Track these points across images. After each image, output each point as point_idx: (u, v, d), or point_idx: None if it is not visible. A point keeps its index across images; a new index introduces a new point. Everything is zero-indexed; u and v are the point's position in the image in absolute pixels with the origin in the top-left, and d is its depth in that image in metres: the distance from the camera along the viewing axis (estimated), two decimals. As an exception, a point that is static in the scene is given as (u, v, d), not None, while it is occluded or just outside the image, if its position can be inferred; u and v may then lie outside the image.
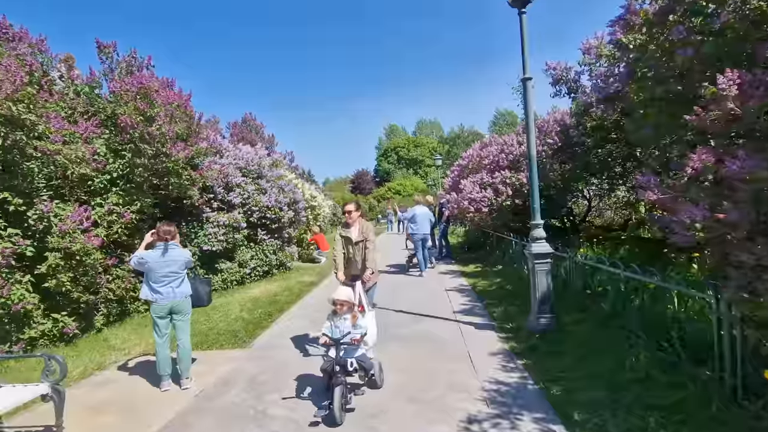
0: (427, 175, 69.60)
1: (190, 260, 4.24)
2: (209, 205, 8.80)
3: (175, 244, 4.14)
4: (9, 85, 4.75)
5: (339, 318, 3.48)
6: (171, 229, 4.14)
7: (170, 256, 4.05)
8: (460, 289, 7.23)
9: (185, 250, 4.25)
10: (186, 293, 4.17)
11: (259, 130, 19.74)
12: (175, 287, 4.07)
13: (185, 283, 4.19)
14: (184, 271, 4.19)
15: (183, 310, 4.16)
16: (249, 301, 7.59)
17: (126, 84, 6.02)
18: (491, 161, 9.82)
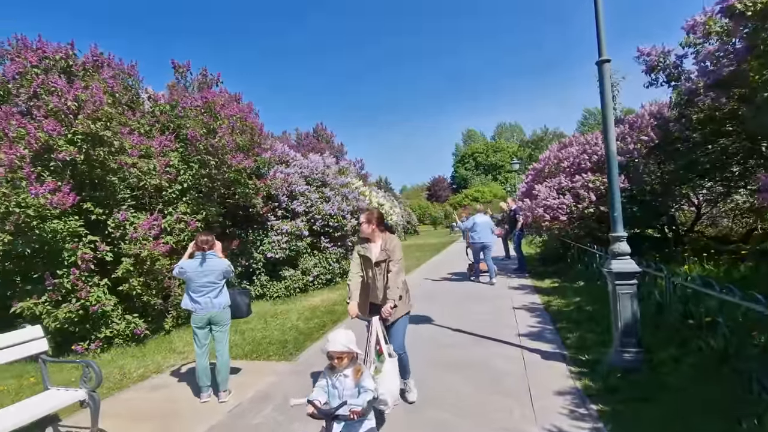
0: (507, 180, 66.44)
1: (229, 270, 4.18)
2: (274, 213, 9.04)
3: (213, 254, 4.10)
4: (90, 106, 5.23)
5: (337, 375, 2.48)
6: (208, 238, 4.12)
7: (208, 265, 4.02)
8: (530, 308, 6.39)
9: (223, 260, 4.19)
10: (224, 304, 4.12)
11: (329, 139, 20.37)
12: (212, 297, 4.04)
13: (223, 293, 4.14)
14: (222, 281, 4.13)
15: (221, 320, 4.10)
16: (308, 310, 7.55)
17: (194, 100, 6.36)
18: (571, 163, 8.72)
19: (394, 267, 3.35)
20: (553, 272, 9.28)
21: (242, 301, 4.44)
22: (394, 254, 3.38)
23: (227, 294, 4.21)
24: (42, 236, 4.98)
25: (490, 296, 7.57)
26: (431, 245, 20.98)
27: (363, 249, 3.51)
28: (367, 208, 11.12)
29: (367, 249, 3.49)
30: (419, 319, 6.24)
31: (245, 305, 4.46)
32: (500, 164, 73.31)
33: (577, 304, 6.28)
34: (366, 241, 3.54)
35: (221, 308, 4.09)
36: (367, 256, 3.45)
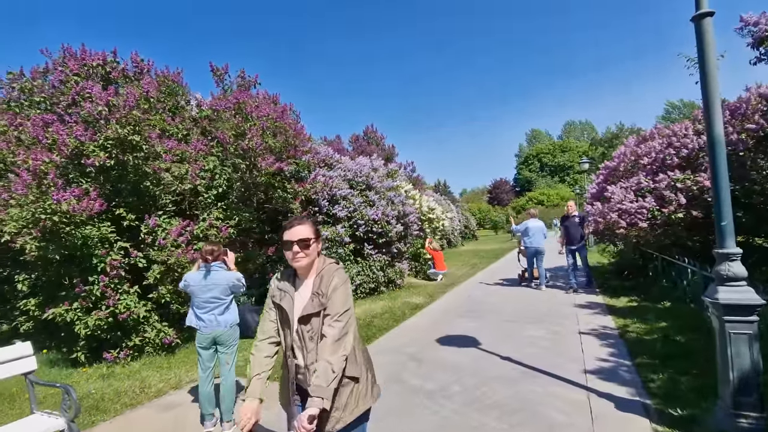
0: (576, 182, 61.80)
1: (238, 284, 3.72)
2: (314, 219, 8.69)
3: (219, 266, 3.68)
4: (120, 110, 5.16)
5: None
6: (213, 248, 3.69)
7: (212, 279, 3.60)
8: (601, 334, 5.28)
9: (232, 272, 3.74)
10: (230, 322, 3.67)
11: (379, 141, 19.92)
12: (217, 314, 3.61)
13: (231, 310, 3.71)
14: (229, 296, 3.70)
15: (227, 341, 3.66)
16: (345, 322, 7.02)
17: (227, 102, 6.16)
18: (653, 159, 7.34)
19: (331, 328, 1.73)
20: (630, 288, 7.89)
21: (252, 318, 3.98)
22: (333, 303, 1.76)
23: (235, 311, 3.78)
24: (74, 242, 4.96)
25: (551, 315, 6.50)
26: (490, 251, 19.69)
27: (280, 293, 1.87)
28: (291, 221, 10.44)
29: (286, 293, 1.86)
30: (461, 340, 5.41)
31: (255, 324, 3.99)
32: (568, 165, 68.50)
33: (663, 332, 5.07)
34: (290, 277, 1.91)
35: (227, 327, 3.65)
36: (283, 306, 1.84)
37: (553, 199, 59.09)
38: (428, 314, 7.41)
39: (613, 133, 70.47)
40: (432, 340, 5.62)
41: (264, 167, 6.03)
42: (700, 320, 5.26)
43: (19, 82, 5.65)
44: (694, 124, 6.87)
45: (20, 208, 4.43)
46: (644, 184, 7.03)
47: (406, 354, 5.14)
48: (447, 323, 6.54)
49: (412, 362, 4.85)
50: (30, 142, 4.84)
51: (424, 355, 5.03)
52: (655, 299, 6.71)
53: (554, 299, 7.68)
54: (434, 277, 11.54)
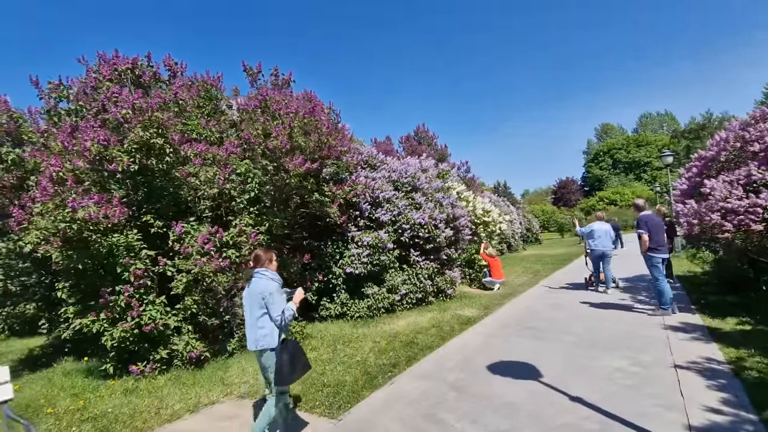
0: (655, 179, 55.91)
1: (267, 295, 3.09)
2: (355, 223, 8.14)
3: (262, 273, 3.21)
4: (144, 113, 4.95)
5: None
6: (258, 253, 3.31)
7: (251, 288, 3.21)
8: (705, 369, 4.06)
9: (269, 281, 3.18)
10: (260, 343, 3.12)
11: (431, 141, 18.96)
12: (250, 331, 3.20)
13: (264, 328, 3.12)
14: (261, 310, 3.13)
15: (263, 365, 3.22)
16: (385, 338, 6.35)
17: (254, 101, 5.79)
18: None
19: None
20: (737, 305, 6.33)
21: (286, 360, 3.18)
22: None
23: (268, 330, 3.13)
24: (100, 251, 4.81)
25: (633, 338, 5.29)
26: (555, 256, 17.92)
27: None
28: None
29: None
30: (517, 368, 4.47)
31: (287, 365, 3.11)
32: (645, 161, 62.28)
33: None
34: None
35: (256, 348, 3.17)
36: None
37: (627, 199, 53.89)
38: (480, 331, 6.48)
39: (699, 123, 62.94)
40: (482, 365, 4.74)
41: (292, 168, 5.55)
42: None
43: (57, 91, 5.75)
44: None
45: (42, 216, 4.31)
46: (757, 176, 5.56)
47: (448, 383, 4.32)
48: (501, 344, 5.60)
49: (454, 393, 4.04)
50: (58, 150, 4.78)
51: (469, 386, 4.19)
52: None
53: (635, 318, 6.37)
54: (490, 286, 10.48)
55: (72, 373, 5.69)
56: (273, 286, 3.14)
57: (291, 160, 5.52)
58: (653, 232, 6.36)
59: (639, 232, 6.41)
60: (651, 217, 6.51)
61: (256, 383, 4.82)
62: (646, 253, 6.37)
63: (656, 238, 6.37)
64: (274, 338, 3.11)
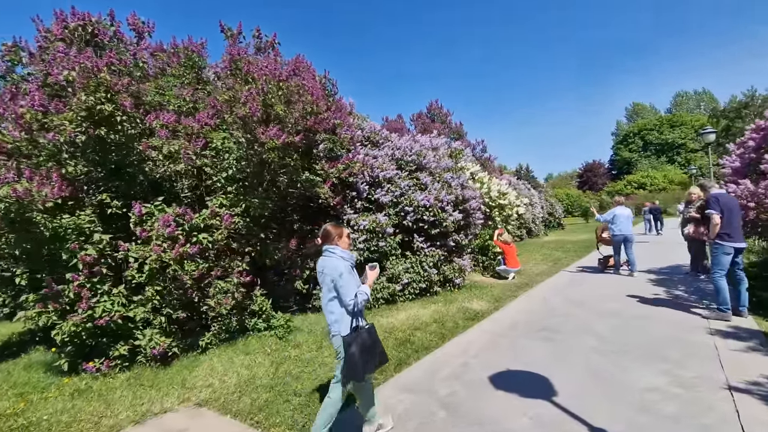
0: (689, 162, 52.67)
1: (337, 276, 2.74)
2: (352, 205, 7.36)
3: (331, 251, 2.87)
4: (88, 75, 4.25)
5: None
6: (328, 228, 2.96)
7: (322, 266, 2.87)
8: (767, 393, 3.16)
9: (339, 261, 2.81)
10: (331, 329, 2.89)
11: (445, 118, 17.74)
12: (326, 314, 2.90)
13: (334, 313, 2.85)
14: (331, 293, 2.83)
15: (336, 351, 2.89)
16: (380, 333, 5.60)
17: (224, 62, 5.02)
18: None
19: None
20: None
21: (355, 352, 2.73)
22: None
23: (338, 315, 2.83)
24: (44, 234, 4.21)
25: (672, 346, 4.37)
26: (577, 242, 16.72)
27: None
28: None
29: None
30: (526, 382, 3.64)
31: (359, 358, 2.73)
32: (679, 142, 58.69)
33: None
34: None
35: (331, 333, 2.92)
36: None
37: (658, 183, 51.08)
38: (487, 328, 5.67)
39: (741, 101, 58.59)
40: (483, 375, 3.95)
41: (265, 140, 4.77)
42: None
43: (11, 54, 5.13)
44: None
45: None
46: (839, 147, 4.45)
47: (439, 398, 3.56)
48: (509, 347, 4.78)
49: (443, 414, 3.28)
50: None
51: (463, 404, 3.42)
52: None
53: (672, 318, 5.41)
54: (504, 275, 9.58)
55: (34, 366, 5.21)
56: (343, 266, 2.77)
57: (265, 131, 4.73)
58: (728, 215, 5.08)
59: (709, 213, 5.24)
60: (726, 197, 5.20)
61: (222, 386, 4.20)
62: (715, 241, 5.23)
63: (731, 222, 5.08)
64: (344, 325, 2.80)
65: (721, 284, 5.11)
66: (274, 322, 5.82)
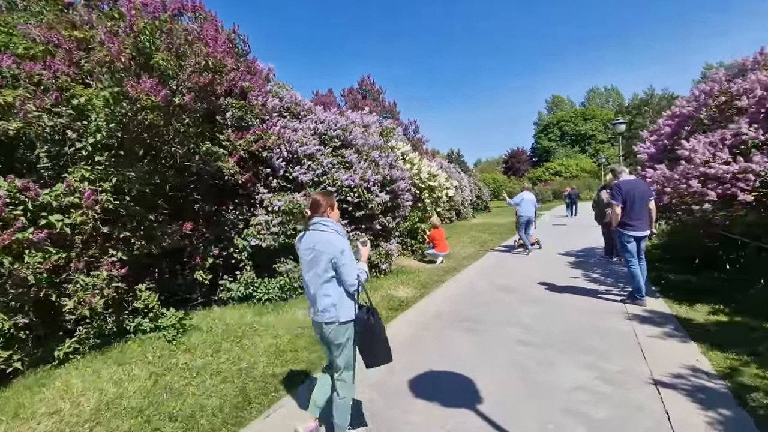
0: (598, 152, 57.91)
1: (338, 254, 2.36)
2: (266, 183, 6.46)
3: (323, 224, 2.47)
4: None
5: None
6: (317, 198, 2.55)
7: (312, 241, 2.44)
8: (694, 389, 3.01)
9: (338, 236, 2.45)
10: (326, 315, 2.43)
11: (377, 95, 17.07)
12: (315, 298, 2.48)
13: (331, 296, 2.43)
14: (329, 273, 2.41)
15: (333, 339, 2.48)
16: (292, 331, 4.94)
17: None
18: (759, 99, 4.82)
19: None
20: (704, 289, 5.52)
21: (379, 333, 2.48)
22: None
23: (336, 299, 2.43)
24: None
25: (595, 334, 4.25)
26: (503, 225, 17.24)
27: None
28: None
29: None
30: (448, 388, 3.19)
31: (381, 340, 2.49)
32: (590, 134, 64.15)
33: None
34: None
35: (324, 320, 2.44)
36: None
37: (572, 170, 55.56)
38: (412, 319, 5.24)
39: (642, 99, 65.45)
40: (403, 380, 3.45)
41: (136, 95, 3.72)
42: None
43: None
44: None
45: None
46: (749, 136, 4.55)
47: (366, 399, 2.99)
48: (434, 340, 4.37)
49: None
50: None
51: (376, 415, 2.89)
52: (758, 313, 4.37)
53: (592, 304, 5.39)
54: (433, 258, 9.34)
55: None
56: (343, 241, 2.43)
57: (136, 85, 3.67)
58: (629, 204, 5.02)
59: (611, 202, 5.24)
60: (630, 185, 5.09)
61: (74, 412, 3.24)
62: (617, 229, 5.23)
63: (632, 211, 5.02)
64: (343, 309, 2.43)
65: (633, 271, 5.14)
66: (163, 322, 4.85)
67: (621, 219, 5.12)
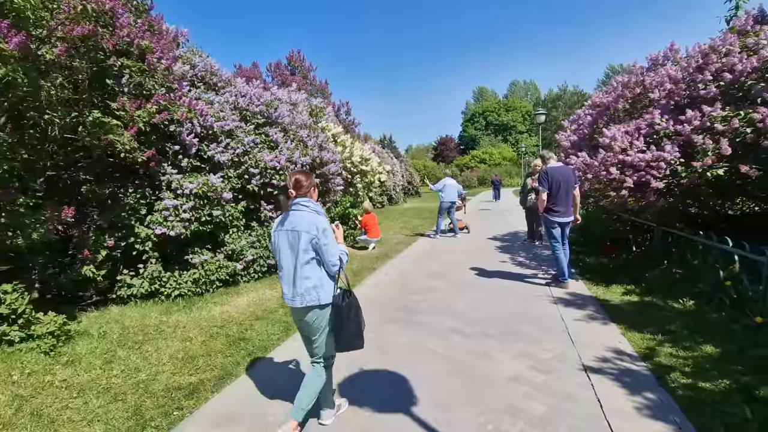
0: (518, 142, 61.90)
1: (320, 233, 2.22)
2: (175, 162, 5.63)
3: (304, 204, 2.29)
4: None
5: None
6: (300, 178, 2.35)
7: (292, 222, 2.26)
8: (620, 373, 3.08)
9: (319, 216, 2.28)
10: (306, 299, 2.25)
11: (306, 73, 16.13)
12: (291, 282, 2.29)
13: (311, 278, 2.25)
14: (310, 254, 2.25)
15: (310, 324, 2.34)
16: (206, 330, 4.35)
17: None
18: (668, 93, 5.15)
19: None
20: (616, 270, 5.93)
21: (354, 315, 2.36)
22: None
23: (316, 280, 2.27)
24: None
25: (526, 320, 4.27)
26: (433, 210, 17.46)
27: None
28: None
29: None
30: (383, 389, 2.92)
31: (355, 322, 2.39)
32: (512, 125, 68.24)
33: (709, 358, 2.99)
34: None
35: (301, 304, 2.26)
36: None
37: (495, 158, 58.81)
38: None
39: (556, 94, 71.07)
40: (333, 382, 3.11)
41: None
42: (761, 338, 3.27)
43: None
44: (740, 37, 4.65)
45: None
46: (661, 126, 4.83)
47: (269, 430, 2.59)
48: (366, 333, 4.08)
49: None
50: None
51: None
52: (664, 292, 4.72)
53: (522, 288, 5.49)
54: (365, 245, 9.07)
55: None
56: (325, 221, 2.30)
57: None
58: (555, 190, 5.13)
59: (538, 188, 5.33)
60: (557, 172, 5.19)
61: None
62: (544, 214, 5.35)
63: (558, 197, 5.14)
64: (324, 292, 2.30)
65: (558, 256, 5.30)
66: (38, 329, 3.97)
67: (547, 205, 5.24)
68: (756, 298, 3.65)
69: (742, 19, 4.78)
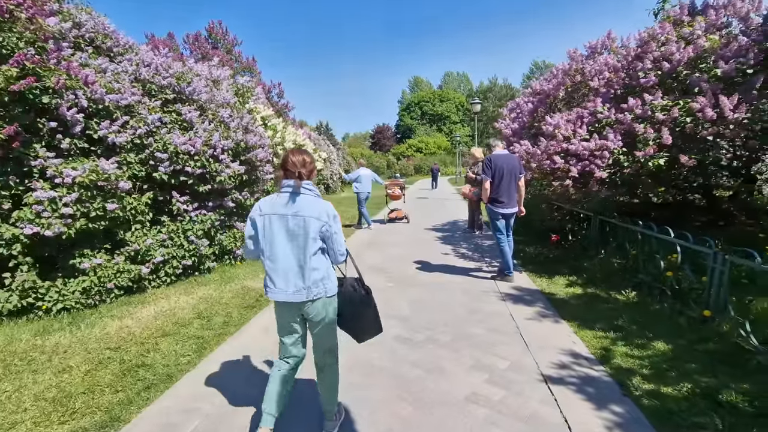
0: (452, 132, 63.68)
1: (332, 220, 2.02)
2: (52, 143, 4.50)
3: (309, 187, 2.03)
4: None
5: None
6: (305, 158, 2.06)
7: (296, 207, 1.97)
8: (582, 381, 2.83)
9: (327, 203, 2.04)
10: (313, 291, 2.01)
11: (231, 47, 14.52)
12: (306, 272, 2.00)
13: (319, 269, 2.02)
14: (317, 244, 2.00)
15: (315, 318, 2.09)
16: (93, 357, 3.47)
17: None
18: (608, 81, 5.10)
19: None
20: (556, 260, 5.89)
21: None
22: None
23: (324, 272, 2.05)
24: None
25: (478, 321, 3.95)
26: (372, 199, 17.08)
27: None
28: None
29: None
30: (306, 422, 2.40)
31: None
32: (446, 115, 69.89)
33: (677, 370, 2.85)
34: None
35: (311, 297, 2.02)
36: None
37: (430, 147, 59.94)
38: (272, 318, 4.24)
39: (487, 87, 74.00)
40: (247, 418, 2.50)
41: None
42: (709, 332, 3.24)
43: None
44: (676, 27, 4.66)
45: None
46: (603, 114, 4.74)
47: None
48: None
49: None
50: None
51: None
52: (606, 283, 4.69)
53: (469, 284, 5.19)
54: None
55: None
56: (332, 207, 2.06)
57: None
58: (498, 180, 4.84)
59: (480, 176, 5.04)
60: (501, 160, 4.86)
61: None
62: (488, 205, 5.06)
63: (501, 187, 4.85)
64: (331, 283, 2.10)
65: (502, 249, 5.06)
66: None
67: (490, 195, 4.96)
68: (698, 289, 3.64)
69: (676, 9, 4.81)
